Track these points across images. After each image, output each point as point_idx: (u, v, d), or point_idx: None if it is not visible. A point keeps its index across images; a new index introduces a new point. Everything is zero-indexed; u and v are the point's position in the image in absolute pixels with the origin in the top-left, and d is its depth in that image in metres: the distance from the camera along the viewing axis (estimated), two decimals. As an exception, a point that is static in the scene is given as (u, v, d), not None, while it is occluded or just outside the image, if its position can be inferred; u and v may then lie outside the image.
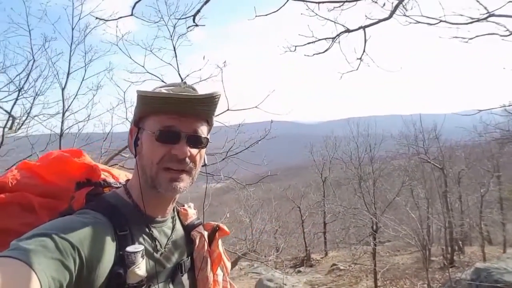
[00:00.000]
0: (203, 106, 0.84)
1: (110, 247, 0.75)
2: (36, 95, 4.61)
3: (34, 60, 4.47)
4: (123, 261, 0.74)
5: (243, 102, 4.80)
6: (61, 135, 4.33)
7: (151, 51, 4.46)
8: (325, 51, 2.43)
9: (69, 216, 0.76)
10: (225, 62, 4.56)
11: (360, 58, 2.26)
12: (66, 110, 4.53)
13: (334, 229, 18.26)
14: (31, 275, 0.57)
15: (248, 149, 5.29)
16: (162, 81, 4.67)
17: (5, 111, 4.47)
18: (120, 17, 2.98)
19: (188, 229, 1.01)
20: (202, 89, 0.88)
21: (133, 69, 4.70)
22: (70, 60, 4.57)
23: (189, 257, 0.98)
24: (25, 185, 0.86)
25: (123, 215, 0.82)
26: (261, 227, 10.58)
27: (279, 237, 14.71)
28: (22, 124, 4.64)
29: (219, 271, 1.06)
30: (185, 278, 0.94)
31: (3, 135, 4.36)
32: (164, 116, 0.82)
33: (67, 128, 4.55)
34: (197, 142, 0.85)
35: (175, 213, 1.02)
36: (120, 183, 0.97)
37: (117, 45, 4.49)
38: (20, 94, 4.40)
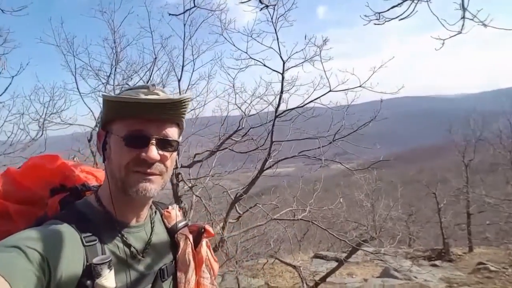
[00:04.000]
0: (171, 110, 0.82)
1: (77, 259, 0.74)
2: (163, 86, 5.36)
3: (155, 58, 5.17)
4: (90, 273, 0.73)
5: (352, 81, 4.42)
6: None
7: (251, 36, 4.58)
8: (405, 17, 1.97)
9: (39, 227, 0.76)
10: (325, 39, 4.30)
11: (463, 17, 1.73)
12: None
13: (482, 222, 15.36)
14: (3, 285, 0.57)
15: (361, 129, 4.92)
16: (264, 65, 4.75)
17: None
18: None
19: (172, 232, 1.00)
20: (174, 92, 0.86)
21: (239, 55, 4.94)
22: (183, 54, 5.11)
23: (173, 261, 0.96)
24: (5, 193, 0.87)
25: (92, 224, 0.81)
26: (385, 214, 9.81)
27: (410, 225, 13.34)
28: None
29: (206, 274, 1.02)
30: (167, 283, 0.92)
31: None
32: (132, 120, 0.81)
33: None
34: (167, 145, 0.85)
35: (156, 216, 1.00)
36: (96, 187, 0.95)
37: (221, 34, 4.79)
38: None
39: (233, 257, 5.63)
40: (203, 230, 1.04)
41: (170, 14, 2.46)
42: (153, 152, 0.81)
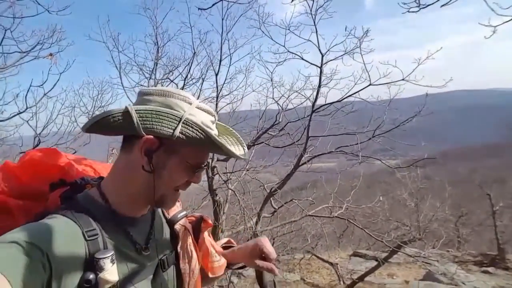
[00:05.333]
0: None
1: (79, 253, 0.74)
2: (203, 81, 5.48)
3: (195, 53, 5.28)
4: (92, 267, 0.73)
5: (397, 74, 4.18)
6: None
7: (289, 29, 4.51)
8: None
9: (38, 221, 0.75)
10: (366, 31, 4.10)
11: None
12: (219, 93, 5.19)
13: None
14: (3, 283, 0.57)
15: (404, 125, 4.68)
16: (302, 58, 4.65)
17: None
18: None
19: (172, 222, 1.00)
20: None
21: (277, 49, 4.90)
22: (221, 48, 5.17)
23: (173, 252, 0.97)
24: (4, 187, 0.85)
25: (94, 217, 0.80)
26: (430, 214, 9.27)
27: (460, 227, 12.48)
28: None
29: (216, 258, 1.06)
30: (168, 273, 0.94)
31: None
32: (203, 151, 0.87)
33: (220, 109, 5.22)
34: None
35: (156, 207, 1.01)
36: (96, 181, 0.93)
37: (259, 28, 4.77)
38: (185, 84, 5.32)
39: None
40: (201, 220, 1.06)
41: (199, 9, 2.48)
42: (201, 176, 0.89)
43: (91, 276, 0.72)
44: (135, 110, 0.77)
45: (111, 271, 0.74)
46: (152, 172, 0.81)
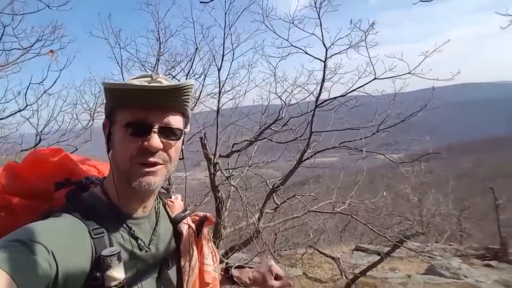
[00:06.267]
0: (173, 97, 0.80)
1: (86, 251, 0.74)
2: (205, 77, 5.41)
3: (197, 48, 5.21)
4: (99, 264, 0.73)
5: (403, 68, 4.11)
6: (218, 111, 4.96)
7: (293, 23, 4.44)
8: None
9: (43, 220, 0.76)
10: (372, 23, 4.02)
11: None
12: (222, 89, 5.14)
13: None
14: (9, 282, 0.57)
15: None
16: (306, 53, 4.59)
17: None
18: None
19: (176, 221, 1.00)
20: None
21: (280, 43, 4.83)
22: (224, 43, 5.09)
23: (177, 250, 0.97)
24: (7, 187, 0.86)
25: (99, 216, 0.81)
26: (433, 209, 9.24)
27: (462, 221, 12.46)
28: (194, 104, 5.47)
29: (208, 261, 1.04)
30: (172, 272, 0.94)
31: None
32: (133, 108, 0.79)
33: (222, 105, 5.17)
34: (170, 133, 0.83)
35: (161, 206, 1.00)
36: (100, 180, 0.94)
37: (263, 22, 4.69)
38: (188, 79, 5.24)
39: (271, 246, 5.65)
40: (204, 218, 1.05)
41: (201, 2, 2.43)
42: (156, 140, 0.79)
43: (98, 274, 0.72)
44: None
45: (118, 269, 0.74)
46: (108, 151, 0.84)
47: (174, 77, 5.41)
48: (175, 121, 0.84)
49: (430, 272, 9.66)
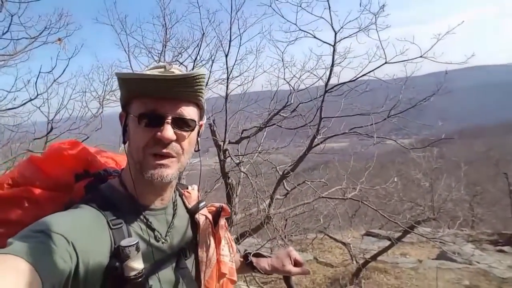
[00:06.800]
0: (186, 87, 0.79)
1: (105, 241, 0.76)
2: (212, 62, 5.35)
3: (204, 34, 5.14)
4: (118, 255, 0.74)
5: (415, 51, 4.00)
6: (226, 97, 4.93)
7: (300, 6, 4.34)
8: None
9: (64, 211, 0.78)
10: (382, 5, 3.90)
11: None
12: (230, 74, 5.08)
13: None
14: (31, 272, 0.58)
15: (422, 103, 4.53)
16: (315, 37, 4.50)
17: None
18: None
19: (193, 212, 1.01)
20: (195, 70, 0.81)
21: (288, 28, 4.74)
22: (231, 28, 4.99)
23: (194, 241, 0.98)
24: (31, 179, 0.88)
25: (117, 207, 0.82)
26: (445, 194, 9.14)
27: (475, 206, 12.31)
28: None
29: (225, 251, 1.05)
30: (189, 262, 0.95)
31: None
32: (146, 99, 0.80)
33: (231, 91, 5.13)
34: (183, 124, 0.82)
35: (178, 197, 1.01)
36: (118, 172, 0.96)
37: (270, 6, 4.60)
38: (195, 66, 5.20)
39: (282, 232, 5.70)
40: (221, 209, 1.06)
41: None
42: (168, 131, 0.79)
43: (117, 263, 0.74)
44: None
45: (136, 259, 0.75)
46: (125, 142, 0.85)
47: (181, 63, 5.37)
48: (189, 112, 0.83)
49: (441, 258, 9.61)
